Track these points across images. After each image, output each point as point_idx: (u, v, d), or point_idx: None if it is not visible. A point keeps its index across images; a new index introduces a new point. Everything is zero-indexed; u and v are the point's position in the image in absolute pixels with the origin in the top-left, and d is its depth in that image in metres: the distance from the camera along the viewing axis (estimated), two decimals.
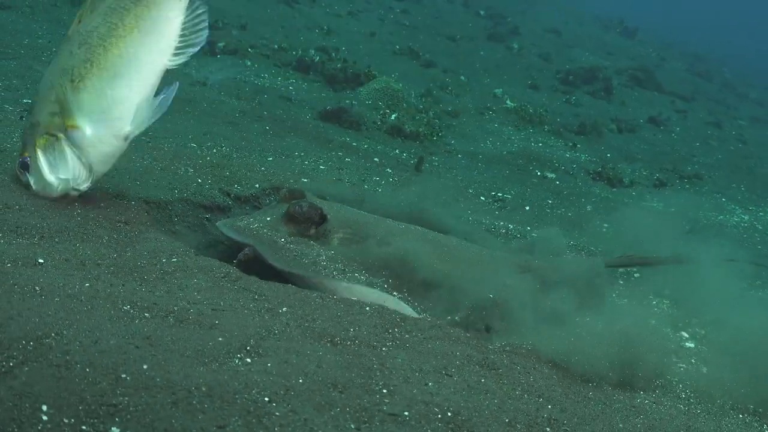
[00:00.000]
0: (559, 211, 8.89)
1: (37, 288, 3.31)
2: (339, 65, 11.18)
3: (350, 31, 13.90)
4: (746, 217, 11.42)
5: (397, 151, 10.08)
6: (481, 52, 16.27)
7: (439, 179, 9.19)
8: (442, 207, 6.75)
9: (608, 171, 12.19)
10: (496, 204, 8.82)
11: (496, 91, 14.71)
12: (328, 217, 4.74)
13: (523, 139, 13.41)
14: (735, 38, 36.00)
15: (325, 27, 13.35)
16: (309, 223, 4.61)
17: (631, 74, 18.64)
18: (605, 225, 8.54)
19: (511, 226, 7.51)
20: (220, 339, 3.30)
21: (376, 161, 9.11)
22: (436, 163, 10.07)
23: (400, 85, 11.50)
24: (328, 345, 3.66)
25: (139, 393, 2.67)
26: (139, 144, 5.75)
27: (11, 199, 4.17)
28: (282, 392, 3.02)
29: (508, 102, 14.43)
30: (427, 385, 3.54)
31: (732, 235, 9.55)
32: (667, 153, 15.58)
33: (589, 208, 9.42)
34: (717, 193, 13.20)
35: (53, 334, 2.86)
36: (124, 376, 2.73)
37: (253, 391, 2.94)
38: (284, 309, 3.88)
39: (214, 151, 6.84)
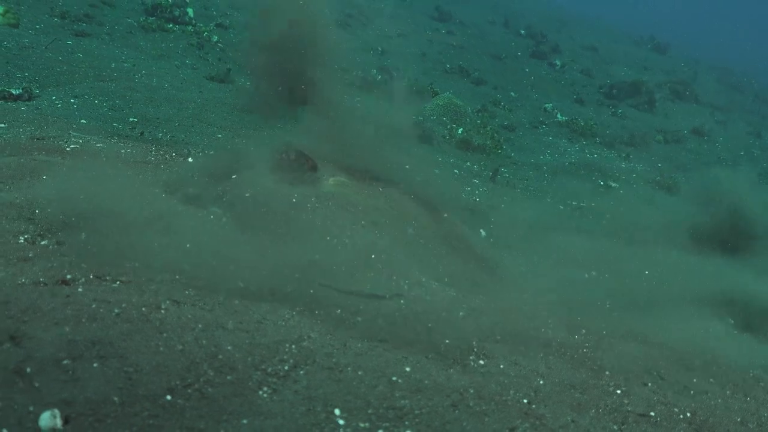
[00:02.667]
0: None
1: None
2: (403, 83, 11.16)
3: (402, 52, 13.97)
4: None
5: (468, 163, 10.03)
6: (526, 69, 16.30)
7: (515, 190, 9.18)
8: None
9: (666, 180, 12.18)
10: (575, 212, 8.77)
11: (546, 105, 14.72)
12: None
13: (578, 150, 13.36)
14: (756, 51, 36.16)
15: (380, 48, 13.41)
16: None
17: (671, 87, 18.66)
18: None
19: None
20: (447, 342, 3.14)
21: (456, 173, 9.07)
22: (507, 175, 10.04)
23: (461, 101, 11.49)
24: (536, 345, 3.50)
25: (416, 395, 2.51)
26: None
27: None
28: (533, 394, 2.85)
29: (558, 116, 14.40)
30: (647, 385, 3.38)
31: None
32: (713, 162, 15.51)
33: None
34: None
35: (306, 336, 2.71)
36: (394, 378, 2.57)
37: (511, 392, 2.77)
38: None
39: None
